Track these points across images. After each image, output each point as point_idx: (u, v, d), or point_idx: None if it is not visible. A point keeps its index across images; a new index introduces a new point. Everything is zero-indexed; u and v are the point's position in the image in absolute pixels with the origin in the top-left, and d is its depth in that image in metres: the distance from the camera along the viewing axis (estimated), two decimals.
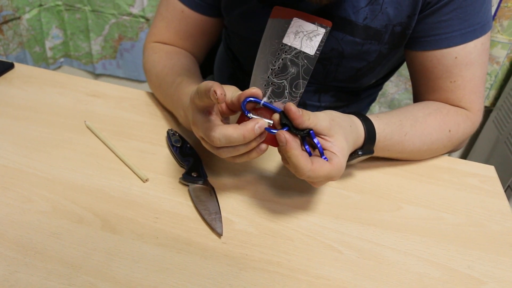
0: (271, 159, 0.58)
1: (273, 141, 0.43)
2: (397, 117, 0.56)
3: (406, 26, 0.58)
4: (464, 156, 1.57)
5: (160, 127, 0.62)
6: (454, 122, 0.59)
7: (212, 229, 0.46)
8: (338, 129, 0.46)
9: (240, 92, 0.45)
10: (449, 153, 0.64)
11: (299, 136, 0.44)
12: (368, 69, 0.65)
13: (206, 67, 0.90)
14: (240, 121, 0.47)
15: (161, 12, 0.68)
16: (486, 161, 1.31)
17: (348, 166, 0.58)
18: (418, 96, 0.66)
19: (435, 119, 0.59)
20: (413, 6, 0.56)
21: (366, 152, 0.52)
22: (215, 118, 0.44)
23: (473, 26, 0.57)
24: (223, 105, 0.46)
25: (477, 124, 0.63)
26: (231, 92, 0.45)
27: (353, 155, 0.52)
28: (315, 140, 0.44)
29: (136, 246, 0.44)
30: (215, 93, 0.39)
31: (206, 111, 0.44)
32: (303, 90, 0.45)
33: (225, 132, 0.42)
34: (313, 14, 0.59)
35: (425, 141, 0.57)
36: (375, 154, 0.54)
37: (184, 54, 0.68)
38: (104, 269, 0.41)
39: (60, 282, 0.40)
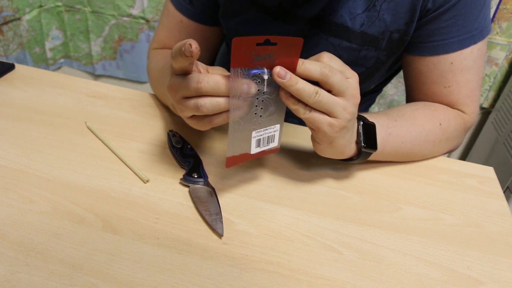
0: (271, 160, 0.58)
1: None
2: (382, 114, 0.56)
3: (404, 33, 0.58)
4: (463, 157, 1.58)
5: (161, 128, 0.62)
6: (443, 117, 0.59)
7: (213, 229, 0.47)
8: None
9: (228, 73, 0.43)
10: (448, 153, 0.64)
11: None
12: (367, 75, 0.65)
13: None
14: None
15: (163, 21, 0.69)
16: (485, 162, 1.31)
17: (349, 165, 0.58)
18: (411, 100, 0.66)
19: (423, 113, 0.59)
20: (411, 13, 0.56)
21: (369, 145, 0.52)
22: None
23: (471, 32, 0.57)
24: None
25: (470, 125, 0.63)
26: (219, 71, 0.44)
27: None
28: None
29: (137, 246, 0.44)
30: (190, 46, 0.37)
31: (184, 74, 0.42)
32: None
33: (214, 77, 0.40)
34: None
35: (420, 131, 0.57)
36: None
37: None
38: (105, 270, 0.41)
39: (61, 283, 0.40)
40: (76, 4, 1.55)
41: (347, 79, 0.43)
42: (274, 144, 0.48)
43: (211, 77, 0.40)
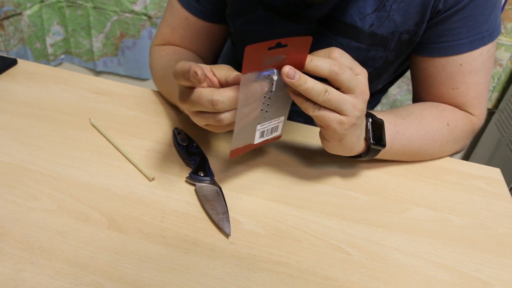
0: (278, 160, 0.57)
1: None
2: (390, 112, 0.56)
3: (413, 33, 0.58)
4: (466, 158, 1.57)
5: (166, 125, 0.61)
6: (451, 117, 0.59)
7: (220, 229, 0.46)
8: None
9: (236, 71, 0.43)
10: (454, 154, 0.64)
11: None
12: (375, 76, 0.65)
13: None
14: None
15: (167, 18, 0.68)
16: (488, 163, 1.31)
17: (357, 164, 0.58)
18: (419, 101, 0.65)
19: (431, 113, 0.58)
20: (421, 14, 0.55)
21: (378, 142, 0.51)
22: (206, 87, 0.42)
23: (481, 33, 0.56)
24: (216, 82, 0.43)
25: (477, 126, 0.63)
26: (225, 71, 0.43)
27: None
28: None
29: (143, 245, 0.44)
30: (196, 74, 0.37)
31: (193, 87, 0.42)
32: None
33: (228, 94, 0.40)
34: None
35: (428, 130, 0.57)
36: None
37: (192, 53, 0.68)
38: (111, 269, 0.41)
39: (67, 282, 0.39)
40: (78, 0, 1.54)
41: (357, 76, 0.43)
42: (278, 133, 0.49)
43: (225, 95, 0.40)
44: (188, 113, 0.44)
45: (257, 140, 0.47)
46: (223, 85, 0.43)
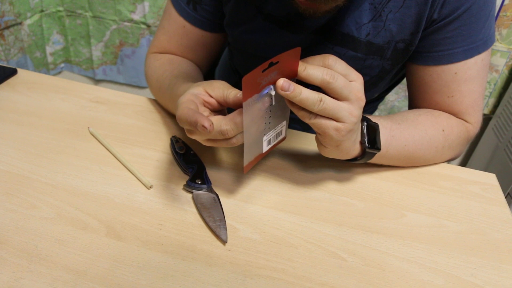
0: (275, 167, 0.58)
1: None
2: (386, 117, 0.57)
3: (409, 42, 0.58)
4: (464, 163, 1.58)
5: (164, 133, 0.62)
6: (446, 124, 0.59)
7: (217, 236, 0.46)
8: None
9: (232, 88, 0.45)
10: (449, 161, 0.64)
11: None
12: (371, 84, 0.65)
13: (207, 75, 0.90)
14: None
15: (164, 25, 0.69)
16: (486, 169, 1.32)
17: (353, 167, 0.58)
18: (414, 108, 0.66)
19: (427, 118, 0.59)
20: (417, 23, 0.56)
21: (373, 146, 0.52)
22: (211, 118, 0.43)
23: (476, 42, 0.57)
24: (214, 103, 0.46)
25: (472, 134, 0.63)
26: (222, 90, 0.45)
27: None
28: None
29: (141, 253, 0.44)
30: (205, 127, 0.40)
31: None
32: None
33: (233, 121, 0.42)
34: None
35: (423, 135, 0.57)
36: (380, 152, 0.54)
37: (187, 62, 0.68)
38: (109, 276, 0.41)
39: None
40: (77, 9, 1.56)
41: (351, 83, 0.44)
42: (282, 136, 0.50)
43: (232, 123, 0.42)
44: (199, 141, 0.46)
45: (265, 148, 0.48)
46: (222, 104, 0.46)
